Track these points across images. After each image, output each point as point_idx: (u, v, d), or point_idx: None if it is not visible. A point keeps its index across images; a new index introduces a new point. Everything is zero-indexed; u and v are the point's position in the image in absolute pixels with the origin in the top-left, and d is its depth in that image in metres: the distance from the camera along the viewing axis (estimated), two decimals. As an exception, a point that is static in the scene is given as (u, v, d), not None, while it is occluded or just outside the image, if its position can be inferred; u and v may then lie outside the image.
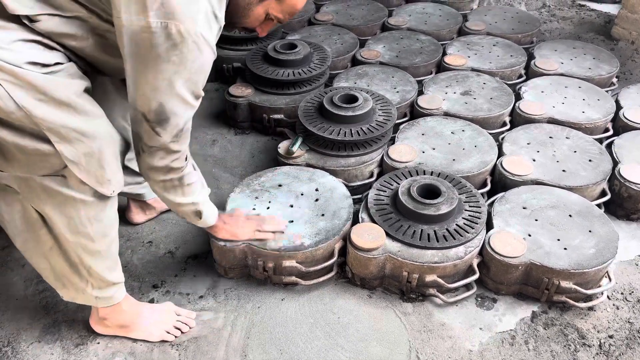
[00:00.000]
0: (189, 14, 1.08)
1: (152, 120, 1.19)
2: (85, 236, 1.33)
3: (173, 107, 1.18)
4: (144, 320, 1.60)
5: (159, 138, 1.22)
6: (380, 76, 2.58)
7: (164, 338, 1.61)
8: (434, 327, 1.66)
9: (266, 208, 1.83)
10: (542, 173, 2.01)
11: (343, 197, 1.90)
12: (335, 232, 1.75)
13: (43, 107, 1.11)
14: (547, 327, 1.66)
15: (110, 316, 1.56)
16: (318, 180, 1.97)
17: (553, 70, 2.67)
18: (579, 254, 1.68)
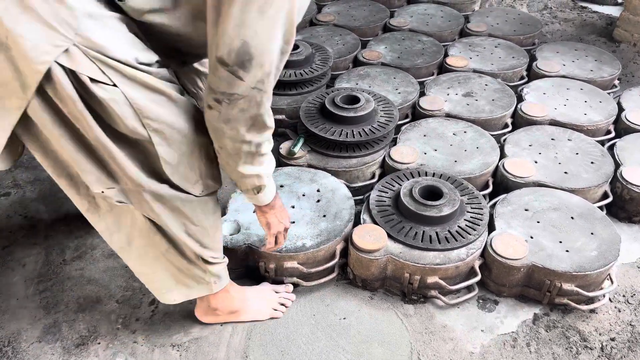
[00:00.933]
0: None
1: (233, 63, 1.04)
2: (198, 231, 1.34)
3: (260, 45, 1.03)
4: (251, 303, 1.65)
5: (241, 83, 1.07)
6: (381, 77, 2.58)
7: (273, 315, 1.67)
8: (435, 329, 1.66)
9: None
10: (544, 175, 2.01)
11: (344, 198, 1.90)
12: (336, 233, 1.75)
13: (154, 107, 1.11)
14: (549, 330, 1.66)
15: (222, 305, 1.60)
16: (319, 181, 1.97)
17: (555, 72, 2.67)
18: (581, 257, 1.67)
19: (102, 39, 1.04)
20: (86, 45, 1.02)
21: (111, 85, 1.06)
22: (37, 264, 1.87)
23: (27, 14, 0.98)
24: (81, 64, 1.02)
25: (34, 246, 1.94)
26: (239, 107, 1.11)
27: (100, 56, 1.04)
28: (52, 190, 2.19)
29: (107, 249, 1.93)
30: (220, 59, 1.04)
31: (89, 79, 1.04)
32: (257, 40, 1.02)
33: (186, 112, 1.20)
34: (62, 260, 1.89)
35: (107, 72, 1.05)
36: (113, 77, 1.06)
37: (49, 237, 1.98)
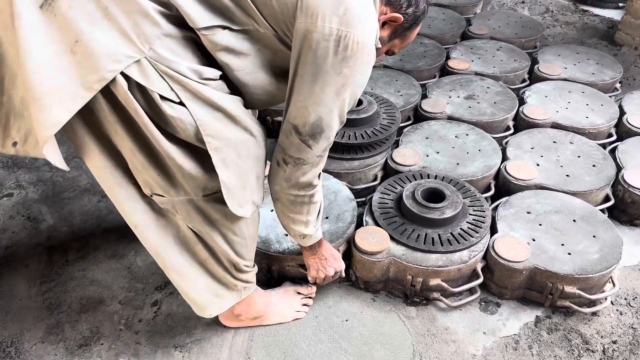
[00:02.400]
0: (367, 24, 1.09)
1: (306, 134, 1.17)
2: (238, 242, 1.37)
3: (331, 122, 1.17)
4: (274, 307, 1.66)
5: (309, 150, 1.20)
6: (384, 79, 2.58)
7: (296, 317, 1.68)
8: (437, 331, 1.66)
9: (270, 210, 1.83)
10: (546, 178, 2.01)
11: (347, 200, 1.90)
12: (339, 235, 1.75)
13: (215, 124, 1.13)
14: (551, 332, 1.66)
15: (246, 311, 1.60)
16: (322, 183, 1.95)
17: (556, 75, 2.68)
18: (583, 259, 1.68)
19: (172, 55, 1.06)
20: (156, 59, 1.04)
21: (178, 103, 1.08)
22: (40, 264, 1.88)
23: (108, 22, 1.00)
24: (151, 79, 1.04)
25: (37, 247, 1.95)
26: (302, 170, 1.25)
27: (168, 70, 1.05)
28: (55, 190, 2.20)
29: (109, 249, 1.93)
30: (296, 127, 1.18)
31: (159, 97, 1.05)
32: (330, 117, 1.16)
33: (244, 130, 1.20)
34: (65, 261, 1.89)
35: (175, 87, 1.06)
36: (180, 93, 1.07)
37: (51, 238, 1.99)
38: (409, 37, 1.33)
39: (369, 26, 1.10)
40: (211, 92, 1.11)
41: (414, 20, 1.27)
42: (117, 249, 1.94)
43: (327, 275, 1.62)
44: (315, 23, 1.05)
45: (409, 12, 1.24)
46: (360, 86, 1.16)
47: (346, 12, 1.05)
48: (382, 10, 1.22)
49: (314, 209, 1.39)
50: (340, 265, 1.64)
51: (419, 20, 1.29)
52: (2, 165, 2.35)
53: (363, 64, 1.11)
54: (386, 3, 1.23)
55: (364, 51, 1.09)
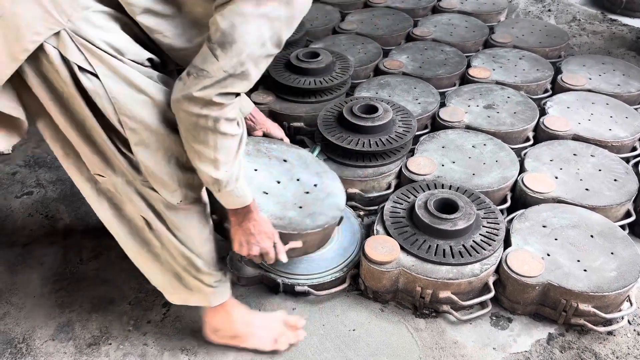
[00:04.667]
0: None
1: (215, 41, 1.06)
2: (184, 238, 1.34)
3: (244, 33, 1.04)
4: (255, 330, 1.58)
5: (214, 61, 1.07)
6: (402, 87, 2.56)
7: (275, 348, 1.58)
8: (446, 344, 1.63)
9: (253, 169, 1.76)
10: (564, 191, 1.96)
11: (334, 206, 1.71)
12: (297, 228, 1.59)
13: (133, 105, 1.12)
14: (564, 351, 1.61)
15: (224, 327, 1.56)
16: (324, 180, 1.81)
17: (580, 86, 2.62)
18: (600, 277, 1.63)
19: (92, 29, 1.07)
20: (76, 32, 1.06)
21: (94, 76, 1.08)
22: (55, 263, 1.91)
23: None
24: (69, 48, 1.06)
25: (53, 245, 1.98)
26: (202, 83, 1.08)
27: (87, 44, 1.07)
28: (73, 190, 2.24)
29: (122, 250, 1.95)
30: (208, 35, 1.07)
31: (77, 67, 1.07)
32: (244, 27, 1.04)
33: (166, 118, 1.19)
34: (79, 260, 1.92)
35: (92, 61, 1.07)
36: (97, 68, 1.08)
37: (67, 237, 2.02)
38: None
39: None
40: (129, 70, 1.10)
41: None
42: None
43: (250, 254, 1.44)
44: None
45: None
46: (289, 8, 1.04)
47: None
48: None
49: (225, 144, 1.17)
50: (266, 247, 1.44)
51: None
52: (24, 164, 2.40)
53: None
54: None
55: None
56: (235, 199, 1.31)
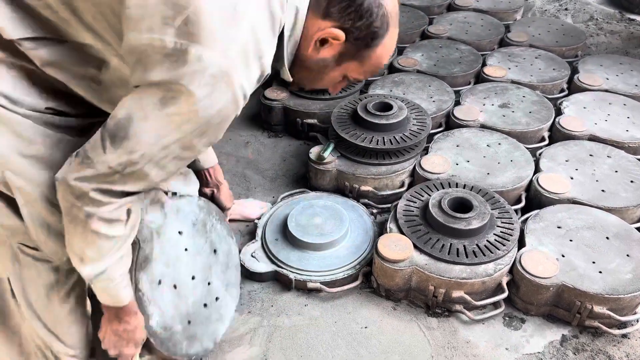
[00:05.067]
0: (220, 40, 0.83)
1: (107, 129, 0.90)
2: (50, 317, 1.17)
3: (140, 132, 0.88)
4: None
5: (100, 152, 0.90)
6: (416, 85, 2.55)
7: None
8: (458, 344, 1.63)
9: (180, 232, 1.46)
10: (579, 192, 1.94)
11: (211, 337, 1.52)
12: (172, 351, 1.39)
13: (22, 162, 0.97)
14: (577, 352, 1.60)
15: None
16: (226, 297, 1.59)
17: (597, 86, 2.59)
18: (615, 279, 1.61)
19: None
20: None
21: None
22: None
23: None
24: None
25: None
26: (83, 172, 0.93)
27: None
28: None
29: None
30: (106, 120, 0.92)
31: None
32: (141, 125, 0.87)
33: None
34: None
35: None
36: None
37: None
38: (371, 59, 1.04)
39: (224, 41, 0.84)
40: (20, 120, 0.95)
41: (371, 36, 0.99)
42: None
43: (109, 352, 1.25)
44: (141, 35, 0.83)
45: (359, 26, 0.97)
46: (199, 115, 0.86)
47: (187, 24, 0.81)
48: (317, 25, 0.98)
49: (97, 243, 1.01)
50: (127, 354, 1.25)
51: (380, 35, 0.99)
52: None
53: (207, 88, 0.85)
54: (324, 15, 0.97)
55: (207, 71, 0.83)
56: (106, 297, 1.14)
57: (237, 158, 2.42)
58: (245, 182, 2.27)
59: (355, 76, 1.08)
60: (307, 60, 1.03)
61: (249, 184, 2.27)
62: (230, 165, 2.33)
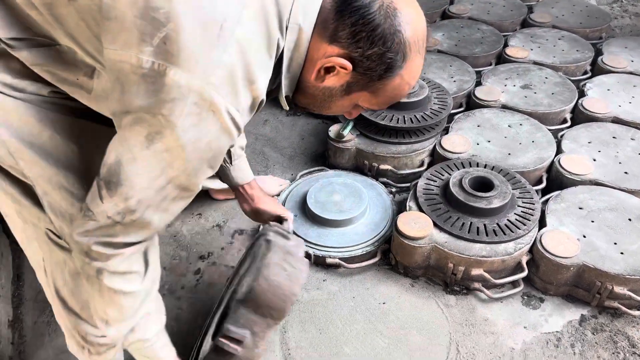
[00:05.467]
0: (201, 63, 0.75)
1: (102, 177, 0.84)
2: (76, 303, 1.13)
3: (131, 175, 0.81)
4: None
5: (99, 202, 0.85)
6: (437, 64, 2.53)
7: None
8: (476, 321, 1.63)
9: None
10: (602, 174, 1.92)
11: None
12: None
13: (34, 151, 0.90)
14: (596, 333, 1.60)
15: None
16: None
17: (622, 68, 2.54)
18: (637, 260, 1.60)
19: None
20: None
21: None
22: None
23: None
24: None
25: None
26: (85, 226, 0.87)
27: None
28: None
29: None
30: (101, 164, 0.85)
31: None
32: (130, 168, 0.81)
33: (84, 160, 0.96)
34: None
35: None
36: None
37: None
38: (386, 91, 0.92)
39: (206, 65, 0.75)
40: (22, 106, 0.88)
41: (385, 66, 0.87)
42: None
43: None
44: (118, 50, 0.75)
45: (370, 56, 0.86)
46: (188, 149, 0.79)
47: (166, 42, 0.73)
48: (323, 50, 0.88)
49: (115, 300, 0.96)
50: None
51: (395, 66, 0.88)
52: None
53: (191, 118, 0.76)
54: (331, 39, 0.87)
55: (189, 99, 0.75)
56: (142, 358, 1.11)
57: (255, 135, 2.43)
58: (264, 160, 2.28)
59: (368, 107, 0.97)
60: (310, 87, 0.93)
61: (268, 162, 2.28)
62: (249, 142, 2.34)
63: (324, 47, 0.87)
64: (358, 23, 0.84)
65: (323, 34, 0.87)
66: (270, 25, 0.82)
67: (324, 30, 0.87)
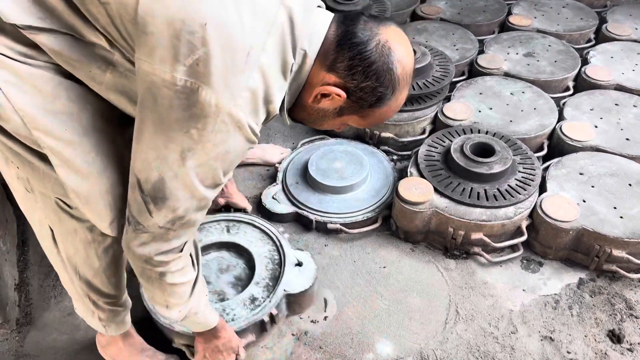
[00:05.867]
0: (230, 85, 0.83)
1: (147, 194, 0.92)
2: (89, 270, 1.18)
3: (175, 190, 0.90)
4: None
5: (149, 217, 0.93)
6: (439, 32, 2.50)
7: None
8: (475, 284, 1.66)
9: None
10: (603, 140, 1.92)
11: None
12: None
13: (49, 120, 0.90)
14: (594, 295, 1.62)
15: (108, 348, 1.45)
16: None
17: (626, 36, 2.52)
18: (636, 224, 1.61)
19: None
20: None
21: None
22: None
23: None
24: None
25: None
26: (140, 239, 0.97)
27: None
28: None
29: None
30: (139, 182, 0.92)
31: None
32: (174, 184, 0.89)
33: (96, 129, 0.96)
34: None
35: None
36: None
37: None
38: (374, 116, 1.02)
39: (233, 87, 0.83)
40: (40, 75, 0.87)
41: (375, 98, 0.96)
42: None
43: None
44: (153, 64, 0.81)
45: (363, 88, 0.94)
46: (217, 158, 0.88)
47: (199, 64, 0.80)
48: (321, 76, 0.95)
49: (174, 291, 1.08)
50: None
51: (385, 98, 0.96)
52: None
53: (219, 132, 0.84)
54: (329, 68, 0.94)
55: (219, 117, 0.83)
56: (198, 326, 1.26)
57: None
58: (265, 129, 2.28)
59: (356, 126, 1.08)
60: (307, 107, 1.01)
61: (269, 131, 2.28)
62: (251, 111, 2.33)
63: (322, 74, 0.95)
64: (355, 58, 0.93)
65: (323, 62, 0.95)
66: (287, 52, 0.90)
67: (325, 59, 0.95)
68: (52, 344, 1.53)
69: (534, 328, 1.53)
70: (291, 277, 1.54)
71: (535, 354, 1.47)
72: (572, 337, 1.51)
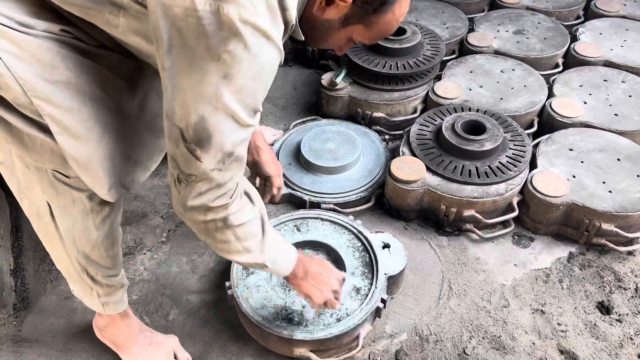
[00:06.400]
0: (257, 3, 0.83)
1: (191, 140, 0.90)
2: (87, 243, 1.18)
3: (218, 123, 0.88)
4: (136, 348, 1.45)
5: (198, 164, 0.92)
6: (429, 11, 2.50)
7: None
8: (468, 260, 1.68)
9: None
10: (592, 116, 1.94)
11: None
12: None
13: (47, 86, 0.92)
14: (584, 268, 1.66)
15: (107, 330, 1.46)
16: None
17: (614, 12, 2.53)
18: (624, 197, 1.64)
19: None
20: None
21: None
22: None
23: None
24: None
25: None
26: (196, 190, 0.95)
27: None
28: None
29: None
30: (181, 132, 0.90)
31: None
32: (215, 118, 0.87)
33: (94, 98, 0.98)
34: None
35: None
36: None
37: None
38: (379, 25, 1.00)
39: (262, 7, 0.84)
40: (39, 44, 0.89)
41: (380, 1, 0.95)
42: (160, 169, 2.01)
43: (336, 290, 1.32)
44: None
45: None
46: (254, 77, 0.87)
47: None
48: None
49: (246, 232, 1.07)
50: (339, 273, 1.36)
51: (389, 1, 0.95)
52: None
53: (250, 48, 0.83)
54: None
55: (246, 31, 0.82)
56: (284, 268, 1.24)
57: (248, 87, 2.41)
58: (257, 110, 2.28)
59: (361, 40, 1.05)
60: (312, 19, 1.00)
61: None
62: (242, 93, 2.33)
63: None
64: None
65: None
66: None
67: None
68: (50, 327, 1.54)
69: (525, 302, 1.57)
70: (384, 259, 1.54)
71: (526, 326, 1.50)
72: (563, 309, 1.54)
